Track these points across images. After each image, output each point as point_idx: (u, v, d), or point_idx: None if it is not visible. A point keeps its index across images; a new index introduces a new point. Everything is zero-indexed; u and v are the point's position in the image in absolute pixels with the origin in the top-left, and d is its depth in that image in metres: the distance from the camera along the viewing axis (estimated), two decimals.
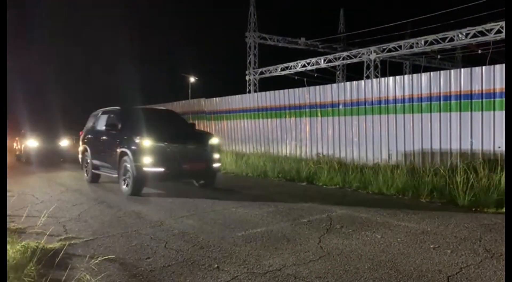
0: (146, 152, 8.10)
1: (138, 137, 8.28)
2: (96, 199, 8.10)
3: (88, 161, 10.53)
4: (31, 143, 17.25)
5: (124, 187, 8.57)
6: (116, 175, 8.89)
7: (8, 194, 8.78)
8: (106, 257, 4.30)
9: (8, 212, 6.63)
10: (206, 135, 9.67)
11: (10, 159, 17.06)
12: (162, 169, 8.13)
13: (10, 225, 5.83)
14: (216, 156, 9.10)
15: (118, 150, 8.72)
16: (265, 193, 8.56)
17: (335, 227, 5.55)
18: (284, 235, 5.18)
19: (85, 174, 10.82)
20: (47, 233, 4.97)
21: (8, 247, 4.34)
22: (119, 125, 9.17)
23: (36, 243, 4.55)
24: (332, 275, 3.81)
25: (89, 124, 11.21)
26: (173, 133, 9.01)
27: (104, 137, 9.84)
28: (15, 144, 19.35)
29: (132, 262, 4.27)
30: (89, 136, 10.87)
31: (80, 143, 11.43)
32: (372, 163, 10.89)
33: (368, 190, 8.56)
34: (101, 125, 10.09)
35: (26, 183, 10.77)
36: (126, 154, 8.46)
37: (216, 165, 9.06)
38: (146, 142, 8.15)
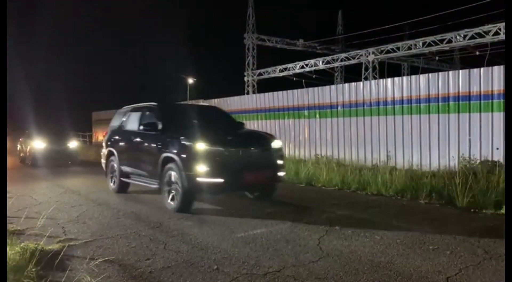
0: (200, 158, 6.50)
1: (188, 140, 6.75)
2: (94, 201, 8.09)
3: (115, 167, 8.92)
4: (38, 144, 16.20)
5: (169, 201, 7.01)
6: (156, 185, 7.39)
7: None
8: (106, 258, 4.30)
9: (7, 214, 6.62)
10: (268, 137, 7.86)
11: (13, 161, 16.69)
12: (221, 180, 6.52)
13: (9, 226, 5.80)
14: (281, 161, 7.47)
15: (161, 155, 7.11)
16: (263, 194, 8.53)
17: (334, 228, 5.55)
18: (283, 236, 5.19)
19: (111, 183, 9.25)
20: (46, 235, 4.96)
21: (7, 248, 4.33)
22: (160, 125, 7.53)
23: (35, 245, 4.54)
24: (331, 276, 3.81)
25: (115, 123, 9.55)
26: (228, 134, 7.44)
27: (138, 140, 8.22)
28: (19, 145, 18.46)
29: (132, 264, 4.26)
30: (116, 138, 9.20)
31: (104, 145, 9.72)
32: (371, 164, 10.91)
33: (367, 191, 8.56)
34: (133, 125, 8.51)
35: (28, 186, 10.74)
36: (172, 160, 6.88)
37: (281, 174, 7.42)
38: (200, 146, 6.55)
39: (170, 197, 7.01)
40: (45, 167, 15.23)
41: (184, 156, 6.69)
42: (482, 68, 9.53)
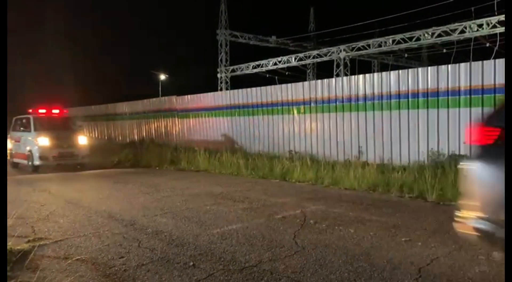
0: None
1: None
2: (65, 199, 7.87)
3: None
4: None
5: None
6: None
7: None
8: (78, 257, 4.19)
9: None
10: None
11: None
12: None
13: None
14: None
15: None
16: (239, 190, 8.54)
17: (309, 223, 5.61)
18: (259, 231, 5.20)
19: None
20: (14, 235, 4.80)
21: None
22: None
23: None
24: (308, 269, 3.85)
25: None
26: None
27: None
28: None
29: (105, 262, 4.17)
30: None
31: None
32: (344, 160, 11.06)
33: (340, 186, 8.68)
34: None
35: None
36: None
37: None
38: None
39: None
40: None
41: None
42: (449, 65, 9.81)
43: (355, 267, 3.90)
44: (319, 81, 12.79)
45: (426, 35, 22.50)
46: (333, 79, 12.45)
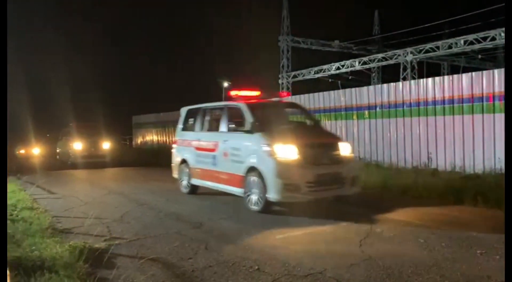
0: None
1: None
2: (137, 201, 8.31)
3: None
4: None
5: None
6: None
7: (54, 196, 9.18)
8: (150, 257, 4.42)
9: (55, 213, 6.98)
10: None
11: None
12: None
13: (57, 225, 6.09)
14: None
15: None
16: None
17: (375, 231, 5.46)
18: (324, 238, 5.15)
19: None
20: (93, 234, 5.16)
21: (57, 246, 4.56)
22: None
23: (83, 243, 4.73)
24: (374, 279, 3.75)
25: None
26: None
27: None
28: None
29: (175, 262, 4.36)
30: None
31: None
32: (412, 166, 10.64)
33: (407, 194, 8.35)
34: None
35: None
36: None
37: None
38: None
39: None
40: None
41: None
42: None
43: (426, 278, 3.74)
44: (385, 85, 12.43)
45: (502, 34, 21.08)
46: (400, 83, 12.05)
